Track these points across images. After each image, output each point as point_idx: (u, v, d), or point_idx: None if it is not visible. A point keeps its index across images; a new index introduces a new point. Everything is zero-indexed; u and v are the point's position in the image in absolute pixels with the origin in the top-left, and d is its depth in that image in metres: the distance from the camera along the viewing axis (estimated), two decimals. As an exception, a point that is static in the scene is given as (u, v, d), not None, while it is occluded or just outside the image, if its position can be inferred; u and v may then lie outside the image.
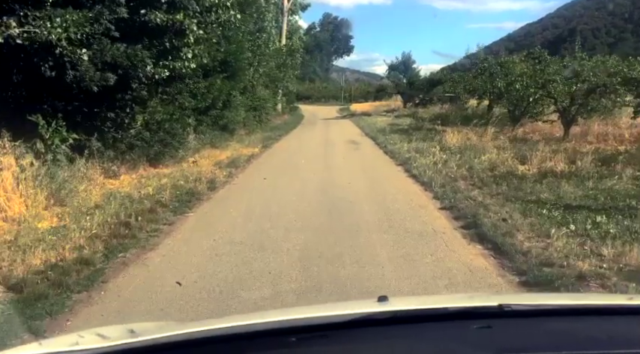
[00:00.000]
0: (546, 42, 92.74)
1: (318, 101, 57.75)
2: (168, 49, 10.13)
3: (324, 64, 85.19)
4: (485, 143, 13.27)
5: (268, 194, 8.63)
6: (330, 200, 7.96)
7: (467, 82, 21.77)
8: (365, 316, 1.39)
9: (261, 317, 1.57)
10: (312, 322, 1.37)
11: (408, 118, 26.87)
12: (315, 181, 9.73)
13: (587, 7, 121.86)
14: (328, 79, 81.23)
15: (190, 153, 13.56)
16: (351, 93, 57.93)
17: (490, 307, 1.47)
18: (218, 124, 18.44)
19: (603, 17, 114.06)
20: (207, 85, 16.50)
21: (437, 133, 16.96)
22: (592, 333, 1.39)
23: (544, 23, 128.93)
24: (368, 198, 8.18)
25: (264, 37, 22.95)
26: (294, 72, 33.43)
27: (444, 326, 1.41)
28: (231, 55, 17.61)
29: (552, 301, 1.76)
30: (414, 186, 9.21)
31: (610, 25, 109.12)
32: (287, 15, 33.39)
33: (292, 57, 31.87)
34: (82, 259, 4.98)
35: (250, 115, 23.07)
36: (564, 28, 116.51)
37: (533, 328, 1.40)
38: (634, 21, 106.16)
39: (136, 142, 10.79)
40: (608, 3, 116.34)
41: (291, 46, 32.11)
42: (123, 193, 8.31)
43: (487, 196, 7.86)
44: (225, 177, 10.41)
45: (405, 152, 13.02)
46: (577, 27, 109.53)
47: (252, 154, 14.38)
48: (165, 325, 1.81)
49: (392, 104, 38.94)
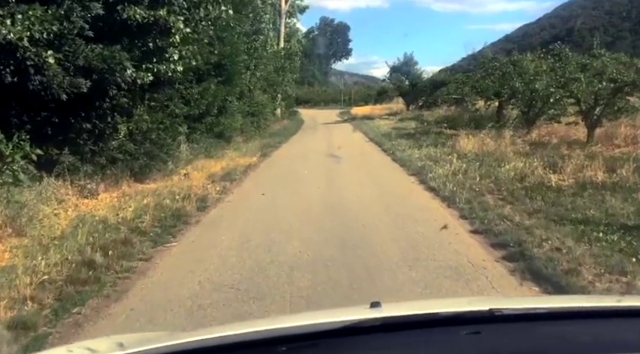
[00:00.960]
0: (544, 42, 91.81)
1: (317, 105, 56.50)
2: (151, 50, 8.91)
3: (322, 68, 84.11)
4: (504, 149, 12.03)
5: (267, 215, 7.37)
6: (340, 223, 6.70)
7: (475, 82, 20.52)
8: (355, 324, 1.36)
9: (250, 326, 1.50)
10: (302, 331, 1.35)
11: (412, 121, 25.63)
12: (320, 198, 8.49)
13: (585, 7, 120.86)
14: (327, 83, 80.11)
15: (182, 164, 12.33)
16: (351, 96, 56.68)
17: (480, 311, 1.46)
18: (213, 132, 17.22)
19: (601, 16, 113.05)
20: (200, 90, 15.31)
21: (448, 138, 15.71)
22: (580, 337, 1.38)
23: (541, 23, 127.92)
24: (383, 220, 6.93)
25: (262, 40, 21.72)
26: (293, 76, 32.20)
27: (434, 332, 1.39)
28: (226, 57, 16.39)
29: (543, 304, 1.70)
30: (434, 202, 7.96)
31: (608, 24, 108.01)
32: (285, 17, 32.18)
33: (291, 60, 30.65)
34: (20, 321, 3.74)
35: (248, 122, 21.84)
36: (562, 27, 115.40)
37: (522, 333, 1.40)
38: (632, 19, 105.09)
39: (118, 156, 9.55)
40: (606, 2, 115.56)
41: (290, 49, 30.89)
42: (98, 216, 7.06)
43: (524, 215, 6.61)
44: (219, 193, 9.17)
45: (416, 160, 11.78)
46: (575, 26, 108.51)
47: (249, 164, 13.15)
48: (154, 337, 1.75)
49: (394, 107, 37.68)
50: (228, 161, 13.69)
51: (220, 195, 9.02)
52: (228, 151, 16.73)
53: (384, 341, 1.34)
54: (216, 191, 9.21)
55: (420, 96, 30.82)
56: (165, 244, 5.96)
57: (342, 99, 57.07)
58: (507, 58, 18.03)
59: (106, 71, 7.96)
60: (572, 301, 1.95)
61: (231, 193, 9.25)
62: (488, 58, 20.58)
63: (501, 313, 1.41)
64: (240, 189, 9.70)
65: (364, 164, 12.51)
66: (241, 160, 13.82)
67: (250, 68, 21.16)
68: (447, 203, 7.69)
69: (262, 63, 23.40)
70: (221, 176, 10.94)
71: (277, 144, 18.65)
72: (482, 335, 1.34)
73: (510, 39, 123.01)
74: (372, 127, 23.97)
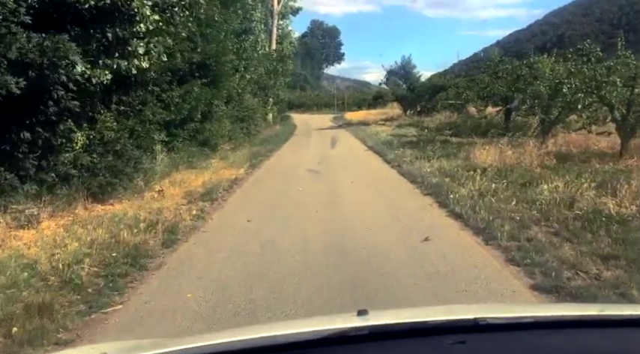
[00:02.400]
0: (535, 48, 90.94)
1: (310, 110, 54.74)
2: (110, 42, 7.10)
3: (315, 72, 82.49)
4: (529, 162, 10.32)
5: (252, 257, 5.55)
6: (351, 273, 4.88)
7: (481, 87, 18.88)
8: (343, 332, 1.34)
9: (237, 335, 1.44)
10: (289, 340, 1.32)
11: (411, 127, 23.93)
12: (320, 227, 6.69)
13: (575, 14, 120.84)
14: (319, 87, 78.50)
15: (157, 178, 10.51)
16: (345, 101, 54.93)
17: (466, 320, 1.44)
18: (197, 139, 15.40)
19: (591, 23, 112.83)
20: (182, 93, 13.50)
21: (458, 148, 13.98)
22: (564, 346, 1.37)
23: (532, 30, 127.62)
24: (407, 263, 5.14)
25: (252, 40, 19.92)
26: (286, 79, 30.39)
27: (420, 342, 1.38)
28: (211, 57, 14.58)
29: (527, 313, 1.64)
30: (465, 235, 6.18)
31: (598, 30, 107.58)
32: (277, 18, 30.38)
33: (283, 63, 28.86)
34: None
35: (237, 128, 20.02)
36: (553, 34, 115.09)
37: (506, 342, 1.39)
38: (622, 26, 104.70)
39: (71, 171, 7.72)
40: (596, 9, 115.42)
41: (282, 51, 29.09)
42: (27, 258, 5.23)
43: (596, 261, 4.85)
44: (194, 218, 7.36)
45: (428, 175, 10.01)
46: (565, 33, 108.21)
47: (235, 177, 11.33)
48: (137, 346, 1.66)
49: (389, 112, 36.04)
50: (212, 174, 11.88)
51: (196, 221, 7.20)
52: (214, 160, 14.92)
53: (371, 350, 1.33)
54: (191, 216, 7.39)
55: (419, 101, 29.12)
56: (104, 310, 4.12)
57: (336, 103, 55.32)
58: (519, 60, 16.27)
59: (46, 67, 6.14)
60: (557, 309, 1.94)
61: (209, 219, 7.43)
62: (495, 60, 18.88)
63: (486, 323, 1.39)
64: (221, 213, 7.87)
65: (367, 180, 10.72)
66: (227, 173, 12.00)
67: (239, 70, 19.36)
68: (482, 238, 5.92)
69: (253, 65, 21.59)
70: (201, 194, 9.12)
71: (268, 152, 16.83)
72: (468, 344, 1.31)
73: (501, 45, 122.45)
74: (369, 134, 22.22)
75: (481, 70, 25.02)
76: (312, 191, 9.36)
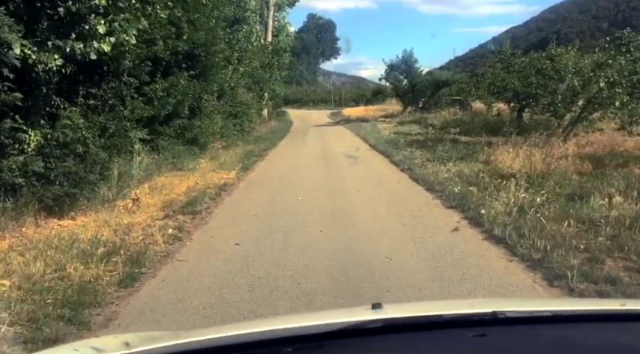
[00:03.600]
0: (531, 45, 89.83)
1: (306, 105, 53.15)
2: (62, 18, 5.57)
3: (311, 68, 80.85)
4: (563, 167, 8.88)
5: (238, 303, 4.05)
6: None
7: (492, 82, 17.41)
8: (360, 325, 1.33)
9: (255, 327, 1.45)
10: (306, 332, 1.31)
11: (414, 125, 22.46)
12: (326, 256, 5.19)
13: (571, 10, 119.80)
14: (316, 83, 76.92)
15: (135, 183, 9.01)
16: (342, 96, 53.30)
17: (484, 314, 1.40)
18: (185, 137, 13.87)
19: (587, 20, 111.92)
20: (166, 86, 11.97)
21: (470, 148, 12.51)
22: (585, 340, 1.35)
23: (528, 26, 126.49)
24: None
25: (246, 30, 18.34)
26: (282, 73, 28.79)
27: (439, 335, 1.35)
28: (200, 46, 13.02)
29: (546, 307, 1.61)
30: (518, 271, 4.67)
31: (594, 28, 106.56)
32: (273, 9, 28.74)
33: (279, 56, 27.26)
34: None
35: (229, 124, 18.48)
36: (548, 31, 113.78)
37: (527, 336, 1.36)
38: (617, 24, 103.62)
39: (19, 180, 6.19)
40: (592, 6, 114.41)
41: (278, 44, 27.48)
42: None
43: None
44: (170, 240, 5.86)
45: (448, 182, 8.55)
46: (562, 30, 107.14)
47: (224, 182, 9.83)
48: (159, 336, 1.66)
49: (389, 108, 34.51)
50: (199, 177, 10.38)
51: (171, 245, 5.69)
52: (203, 160, 13.42)
53: (388, 343, 1.30)
54: (166, 237, 5.88)
55: (421, 97, 27.60)
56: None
57: (333, 99, 53.70)
58: (545, 51, 14.72)
59: (-32, 47, 4.63)
60: (575, 304, 1.92)
61: (188, 241, 5.92)
62: (507, 53, 17.43)
63: (505, 316, 1.36)
64: (203, 232, 6.36)
65: (376, 187, 9.22)
66: (215, 176, 10.50)
67: (232, 62, 17.79)
68: (542, 275, 4.44)
69: (247, 57, 20.00)
70: (182, 205, 7.63)
71: (263, 152, 15.30)
72: (488, 338, 1.29)
73: (498, 41, 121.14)
74: (370, 131, 20.72)
75: (487, 65, 23.62)
76: (313, 202, 7.87)
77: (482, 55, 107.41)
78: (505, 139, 14.11)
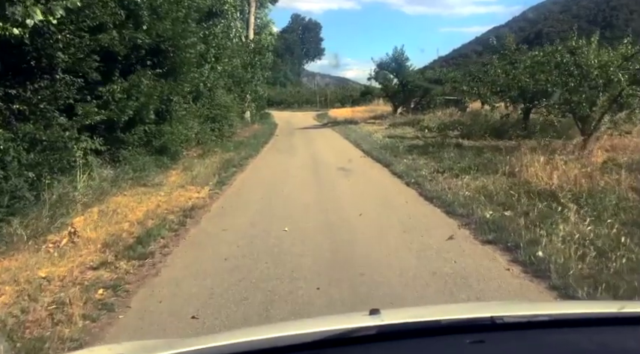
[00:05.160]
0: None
1: (290, 107, 51.16)
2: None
3: (295, 68, 78.89)
4: (614, 184, 7.09)
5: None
6: None
7: (494, 78, 15.69)
8: (358, 331, 1.29)
9: (251, 334, 1.37)
10: (304, 340, 1.25)
11: (407, 127, 20.65)
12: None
13: (552, 11, 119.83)
14: (300, 84, 74.98)
15: (79, 209, 7.05)
16: (327, 97, 51.37)
17: (482, 319, 1.37)
18: (152, 145, 11.88)
19: (568, 20, 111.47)
20: (126, 86, 10.01)
21: (485, 156, 10.68)
22: (584, 344, 1.30)
23: (511, 26, 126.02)
24: None
25: (224, 24, 16.35)
26: (265, 73, 26.78)
27: (437, 341, 1.31)
28: (167, 40, 11.04)
29: (544, 311, 1.54)
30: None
31: (576, 28, 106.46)
32: (255, 5, 26.72)
33: (262, 55, 25.26)
34: None
35: (207, 129, 16.48)
36: (530, 31, 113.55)
37: (526, 341, 1.32)
38: (598, 23, 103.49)
39: None
40: (573, 6, 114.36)
41: (260, 41, 25.48)
42: None
43: None
44: (95, 310, 3.91)
45: (473, 204, 6.69)
46: (543, 29, 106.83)
47: (193, 204, 7.87)
48: (153, 346, 1.59)
49: (377, 109, 32.71)
50: (163, 197, 8.43)
51: (93, 322, 3.73)
52: (175, 171, 11.47)
53: (386, 350, 1.27)
54: (89, 307, 3.92)
55: (412, 97, 25.79)
56: None
57: (318, 100, 51.75)
58: (563, 44, 12.96)
59: None
60: (573, 307, 1.84)
61: (122, 312, 3.96)
62: (511, 48, 15.74)
63: (503, 321, 1.33)
64: (149, 292, 4.38)
65: (382, 210, 7.30)
66: (183, 196, 8.54)
67: (209, 60, 15.79)
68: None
69: (226, 55, 17.99)
70: (131, 242, 5.67)
71: (243, 160, 13.33)
72: (486, 344, 1.26)
73: (481, 41, 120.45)
74: (361, 135, 18.85)
75: (483, 63, 21.96)
76: (303, 234, 5.96)
77: (465, 55, 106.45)
78: (517, 144, 12.40)
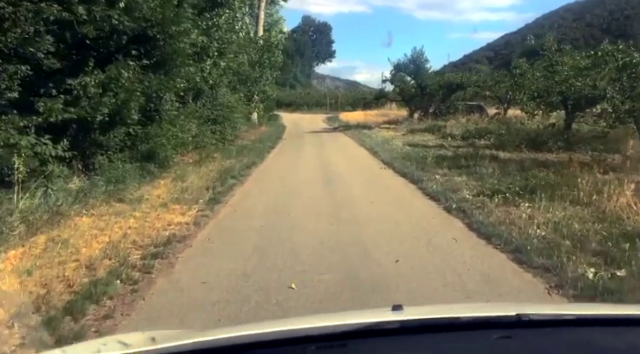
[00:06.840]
0: (525, 51, 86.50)
1: (300, 108, 49.20)
2: None
3: (305, 70, 76.91)
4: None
5: None
6: None
7: (532, 82, 13.67)
8: (383, 325, 1.30)
9: (278, 325, 1.40)
10: (330, 331, 1.28)
11: (427, 133, 18.63)
12: None
13: (565, 18, 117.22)
14: (310, 86, 73.03)
15: (21, 237, 5.17)
16: (338, 100, 49.29)
17: (508, 316, 1.34)
18: (138, 150, 9.97)
19: (581, 28, 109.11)
20: (101, 79, 8.10)
21: (544, 176, 8.59)
22: (611, 343, 1.27)
23: (523, 33, 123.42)
24: None
25: (228, 15, 14.43)
26: (274, 73, 24.83)
27: (462, 336, 1.31)
28: (155, 25, 9.09)
29: (569, 311, 1.51)
30: None
31: (588, 36, 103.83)
32: (265, 1, 24.77)
33: (271, 53, 23.31)
34: None
35: (207, 132, 14.54)
36: (543, 38, 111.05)
37: (552, 339, 1.31)
38: (611, 32, 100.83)
39: None
40: (586, 14, 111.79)
41: (269, 38, 23.51)
42: None
43: None
44: None
45: (557, 252, 4.67)
46: (556, 37, 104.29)
47: (171, 233, 5.86)
48: (186, 333, 1.62)
49: (390, 113, 30.71)
50: (138, 220, 6.46)
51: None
52: (163, 181, 9.52)
53: (412, 343, 1.27)
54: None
55: (431, 101, 23.70)
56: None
57: (328, 103, 49.69)
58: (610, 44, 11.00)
59: None
60: (597, 308, 1.82)
61: None
62: (552, 49, 13.73)
63: (529, 319, 1.32)
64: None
65: (421, 249, 5.28)
66: (163, 219, 6.55)
67: (211, 54, 13.82)
68: None
69: (231, 50, 16.03)
70: (62, 306, 3.70)
71: (244, 170, 11.34)
72: (513, 340, 1.25)
73: (492, 48, 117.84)
74: (377, 142, 16.80)
75: (512, 67, 19.88)
76: (320, 297, 3.95)
77: (474, 61, 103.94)
78: (567, 158, 10.34)
